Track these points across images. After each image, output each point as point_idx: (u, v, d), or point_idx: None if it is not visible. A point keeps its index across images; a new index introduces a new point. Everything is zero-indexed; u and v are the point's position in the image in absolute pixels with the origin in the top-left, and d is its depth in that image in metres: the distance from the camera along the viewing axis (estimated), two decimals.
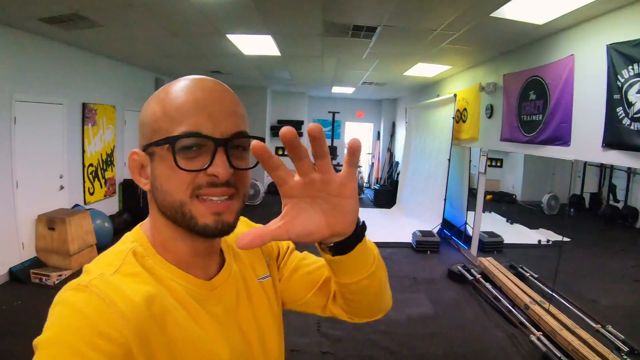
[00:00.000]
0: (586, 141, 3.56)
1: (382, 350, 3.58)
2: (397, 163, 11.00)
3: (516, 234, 6.82)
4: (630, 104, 3.07)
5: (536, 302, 4.11)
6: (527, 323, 3.82)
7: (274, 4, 3.84)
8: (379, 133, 12.67)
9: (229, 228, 0.65)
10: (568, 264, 5.59)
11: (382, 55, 6.00)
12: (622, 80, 3.13)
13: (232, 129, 0.63)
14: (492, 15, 3.66)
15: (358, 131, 13.45)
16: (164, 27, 4.64)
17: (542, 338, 3.53)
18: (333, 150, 12.03)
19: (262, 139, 0.56)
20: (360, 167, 12.65)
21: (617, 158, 3.29)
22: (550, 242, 6.01)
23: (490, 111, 5.38)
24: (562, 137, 3.86)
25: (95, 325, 0.53)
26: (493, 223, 7.20)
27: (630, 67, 3.05)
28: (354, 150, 0.54)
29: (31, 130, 5.00)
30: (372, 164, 12.81)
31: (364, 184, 12.11)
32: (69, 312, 0.55)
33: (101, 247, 5.48)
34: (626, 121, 3.11)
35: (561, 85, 3.84)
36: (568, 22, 3.68)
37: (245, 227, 0.85)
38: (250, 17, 4.23)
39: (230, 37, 5.07)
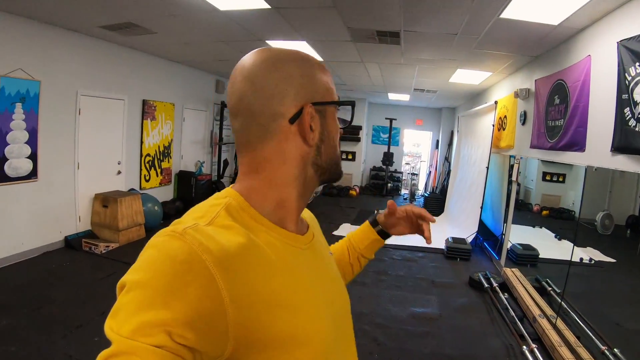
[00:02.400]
0: (598, 146, 3.35)
1: (369, 340, 3.65)
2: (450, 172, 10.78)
3: (560, 249, 6.37)
4: (636, 104, 2.86)
5: (546, 316, 3.91)
6: (526, 335, 3.64)
7: (295, 12, 4.10)
8: (437, 142, 12.43)
9: None
10: (604, 284, 5.22)
11: (420, 62, 6.04)
12: (629, 78, 2.93)
13: None
14: (502, 17, 3.61)
15: (416, 139, 13.30)
16: (209, 34, 5.07)
17: (536, 351, 3.36)
18: (389, 157, 12.01)
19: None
20: (415, 175, 12.50)
21: (625, 163, 3.06)
22: (593, 262, 5.60)
23: (523, 118, 5.17)
24: (578, 143, 3.65)
25: (185, 274, 0.52)
26: (539, 238, 6.83)
27: (638, 63, 2.86)
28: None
29: (94, 121, 5.78)
30: (430, 172, 12.58)
31: (417, 191, 11.92)
32: (161, 258, 0.54)
33: (149, 228, 6.16)
34: (632, 122, 2.91)
35: (579, 88, 3.64)
36: (584, 22, 3.51)
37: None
38: (279, 25, 4.52)
39: (269, 42, 5.39)
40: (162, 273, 0.52)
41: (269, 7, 3.87)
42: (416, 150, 15.70)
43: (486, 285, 4.79)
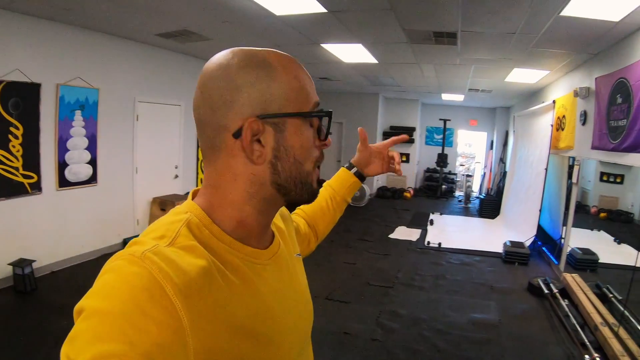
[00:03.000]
0: None
1: (429, 347, 3.65)
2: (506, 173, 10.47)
3: (620, 254, 6.09)
4: None
5: (607, 324, 3.78)
6: (588, 344, 3.53)
7: (351, 16, 4.18)
8: (492, 142, 12.11)
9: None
10: None
11: (476, 62, 5.96)
12: None
13: None
14: (562, 14, 3.53)
15: (470, 140, 13.01)
16: (264, 38, 5.24)
17: None
18: (444, 158, 11.83)
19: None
20: (470, 176, 12.24)
21: None
22: None
23: (584, 117, 4.98)
24: None
25: (145, 303, 0.49)
26: (598, 241, 6.56)
27: None
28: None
29: (151, 126, 6.07)
30: (484, 173, 12.27)
31: (472, 193, 11.64)
32: (119, 284, 0.50)
33: None
34: None
35: None
36: None
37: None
38: (335, 28, 4.62)
39: (324, 46, 5.51)
40: (120, 301, 0.48)
41: (325, 11, 3.95)
42: (470, 151, 15.37)
43: (546, 291, 4.67)
